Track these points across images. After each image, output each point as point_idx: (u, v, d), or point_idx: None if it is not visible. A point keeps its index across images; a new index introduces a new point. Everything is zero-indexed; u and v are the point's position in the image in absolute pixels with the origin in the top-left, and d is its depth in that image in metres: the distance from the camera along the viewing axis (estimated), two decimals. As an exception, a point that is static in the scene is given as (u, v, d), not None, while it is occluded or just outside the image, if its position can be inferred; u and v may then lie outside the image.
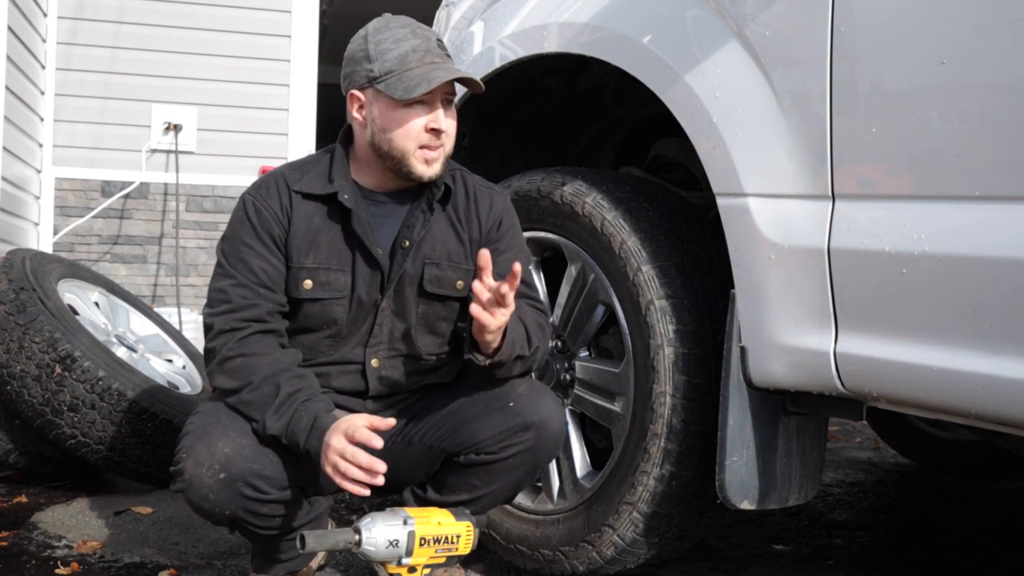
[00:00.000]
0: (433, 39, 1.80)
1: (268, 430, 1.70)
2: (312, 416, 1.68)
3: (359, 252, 1.85)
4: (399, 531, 1.63)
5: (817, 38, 1.63)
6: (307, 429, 1.67)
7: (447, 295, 1.90)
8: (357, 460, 1.60)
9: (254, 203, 1.83)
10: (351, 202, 1.83)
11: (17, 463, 2.85)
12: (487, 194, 1.94)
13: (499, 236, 1.92)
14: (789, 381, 1.72)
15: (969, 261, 1.44)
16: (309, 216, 1.84)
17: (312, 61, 5.58)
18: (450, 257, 1.89)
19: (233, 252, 1.82)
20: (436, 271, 1.88)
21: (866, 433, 4.29)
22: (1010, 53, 1.41)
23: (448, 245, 1.89)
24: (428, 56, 1.77)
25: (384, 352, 1.89)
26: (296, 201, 1.84)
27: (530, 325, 1.85)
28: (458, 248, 1.90)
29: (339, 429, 1.64)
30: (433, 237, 1.88)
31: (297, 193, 1.84)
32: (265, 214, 1.82)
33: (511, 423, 1.81)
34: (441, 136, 1.80)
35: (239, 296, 1.79)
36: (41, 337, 2.62)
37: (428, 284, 1.87)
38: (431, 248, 1.88)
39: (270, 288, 1.81)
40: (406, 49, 1.76)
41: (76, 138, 5.29)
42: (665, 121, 2.07)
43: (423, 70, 1.75)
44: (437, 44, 1.80)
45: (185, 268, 5.43)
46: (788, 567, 2.34)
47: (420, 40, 1.78)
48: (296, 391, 1.72)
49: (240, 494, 1.68)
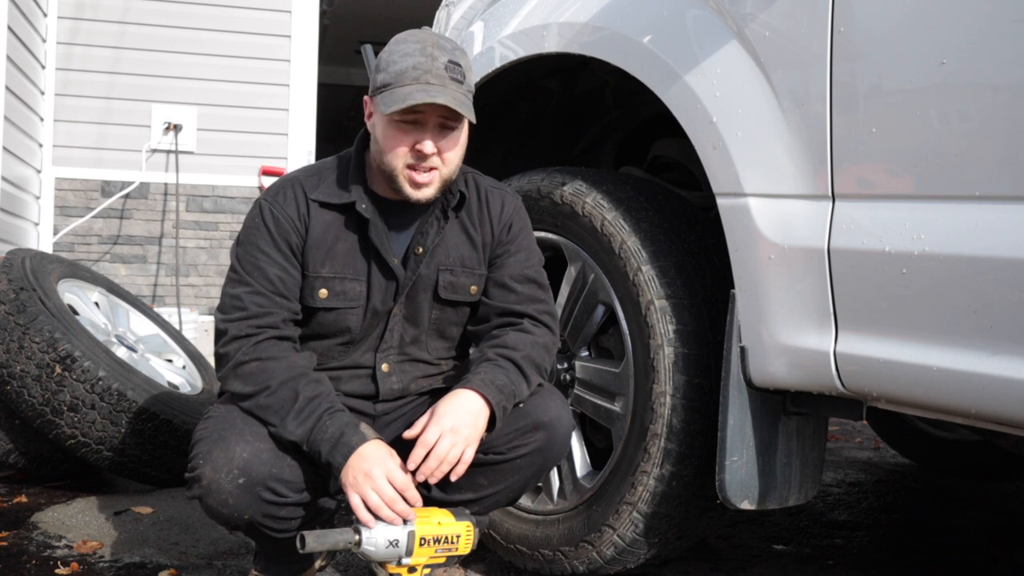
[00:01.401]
0: (442, 60, 1.71)
1: (287, 435, 1.69)
2: (339, 430, 1.67)
3: (375, 262, 1.83)
4: (399, 531, 1.63)
5: (817, 38, 1.63)
6: (332, 441, 1.66)
7: (461, 300, 1.89)
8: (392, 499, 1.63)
9: (271, 210, 1.80)
10: (368, 212, 1.81)
11: (17, 463, 2.85)
12: (498, 196, 1.92)
13: (510, 238, 1.90)
14: (789, 381, 1.72)
15: (969, 261, 1.44)
16: (326, 225, 1.82)
17: (312, 61, 5.58)
18: (464, 263, 1.88)
19: (249, 259, 1.79)
20: (451, 277, 1.87)
21: (866, 433, 4.29)
22: (1010, 53, 1.41)
23: (462, 251, 1.88)
24: (426, 76, 1.69)
25: (395, 357, 1.89)
26: (314, 210, 1.81)
27: (523, 362, 1.80)
28: (471, 254, 1.89)
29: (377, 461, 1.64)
30: (447, 244, 1.86)
31: (315, 202, 1.82)
32: (283, 221, 1.80)
33: (520, 423, 1.80)
34: (430, 159, 1.74)
35: (254, 304, 1.77)
36: (41, 337, 2.62)
37: (443, 291, 1.86)
38: (445, 255, 1.86)
39: (286, 297, 1.79)
40: (408, 65, 1.71)
41: (76, 138, 5.29)
42: (665, 121, 2.07)
43: (411, 89, 1.69)
44: (446, 65, 1.71)
45: (185, 268, 5.43)
46: (788, 567, 2.34)
47: (425, 58, 1.71)
48: (315, 396, 1.71)
49: (260, 498, 1.67)
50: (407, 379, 1.90)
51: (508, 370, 1.76)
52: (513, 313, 1.87)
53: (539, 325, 1.88)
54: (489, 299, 1.89)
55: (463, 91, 1.73)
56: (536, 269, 1.92)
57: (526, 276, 1.90)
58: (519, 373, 1.78)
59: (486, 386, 1.71)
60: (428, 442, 1.66)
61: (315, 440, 1.67)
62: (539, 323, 1.88)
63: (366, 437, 1.67)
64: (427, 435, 1.66)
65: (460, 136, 1.78)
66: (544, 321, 1.89)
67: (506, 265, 1.89)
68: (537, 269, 1.92)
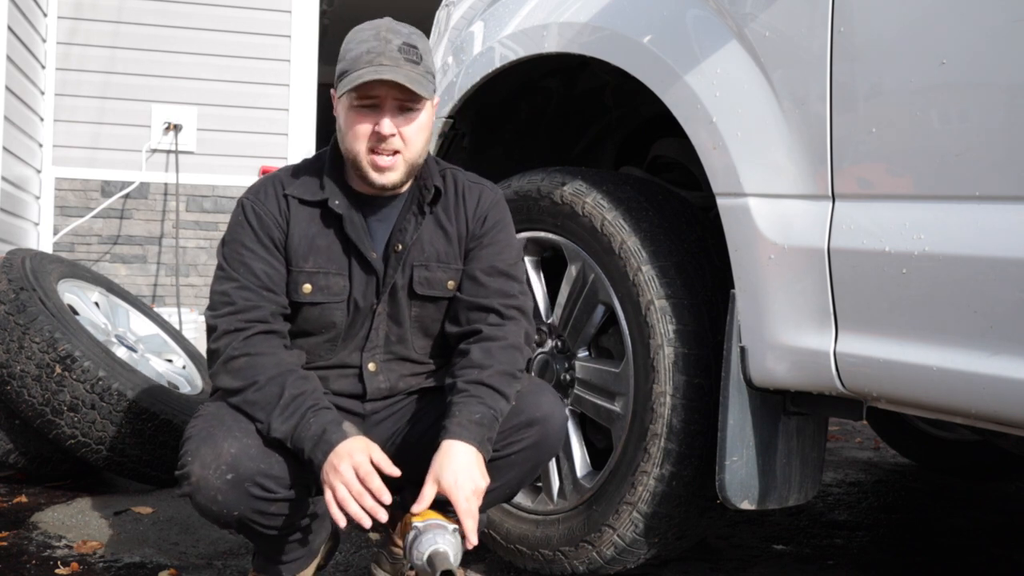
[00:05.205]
0: (396, 42, 1.73)
1: (273, 432, 1.70)
2: (321, 428, 1.67)
3: (355, 257, 1.85)
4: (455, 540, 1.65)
5: (817, 38, 1.63)
6: (315, 439, 1.67)
7: (439, 296, 1.89)
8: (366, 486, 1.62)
9: (253, 207, 1.83)
10: (342, 208, 1.83)
11: (17, 463, 2.85)
12: (476, 190, 1.92)
13: (484, 232, 1.90)
14: (789, 381, 1.72)
15: (969, 261, 1.44)
16: (306, 221, 1.84)
17: (312, 61, 5.58)
18: (439, 258, 1.89)
19: (234, 256, 1.82)
20: (425, 272, 1.87)
21: (866, 433, 4.29)
22: (1010, 53, 1.41)
23: (437, 246, 1.88)
24: (380, 58, 1.71)
25: (381, 355, 1.90)
26: (293, 206, 1.84)
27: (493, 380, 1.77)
28: (447, 248, 1.89)
29: (347, 455, 1.64)
30: (422, 239, 1.87)
31: (293, 198, 1.84)
32: (264, 218, 1.82)
33: (514, 420, 1.81)
34: (389, 141, 1.75)
35: (242, 298, 1.79)
36: (41, 337, 2.62)
37: (418, 286, 1.87)
38: (420, 251, 1.87)
39: (272, 290, 1.81)
40: (362, 50, 1.73)
41: (76, 138, 5.29)
42: (665, 121, 2.07)
43: (364, 71, 1.71)
44: (400, 47, 1.73)
45: (185, 268, 5.43)
46: (788, 567, 2.34)
47: (379, 43, 1.73)
48: (301, 393, 1.72)
49: (249, 494, 1.68)
50: (394, 377, 1.91)
51: (483, 397, 1.75)
52: (480, 307, 1.87)
53: (505, 321, 1.86)
54: (460, 293, 1.89)
55: (419, 71, 1.75)
56: (508, 263, 1.90)
57: (496, 269, 1.89)
58: (493, 393, 1.76)
59: (465, 429, 1.70)
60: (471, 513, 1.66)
61: (298, 437, 1.68)
62: (504, 318, 1.86)
63: (347, 434, 1.67)
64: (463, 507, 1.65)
65: (421, 117, 1.79)
66: (510, 316, 1.87)
67: (478, 258, 1.88)
68: (510, 263, 1.91)
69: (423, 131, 1.81)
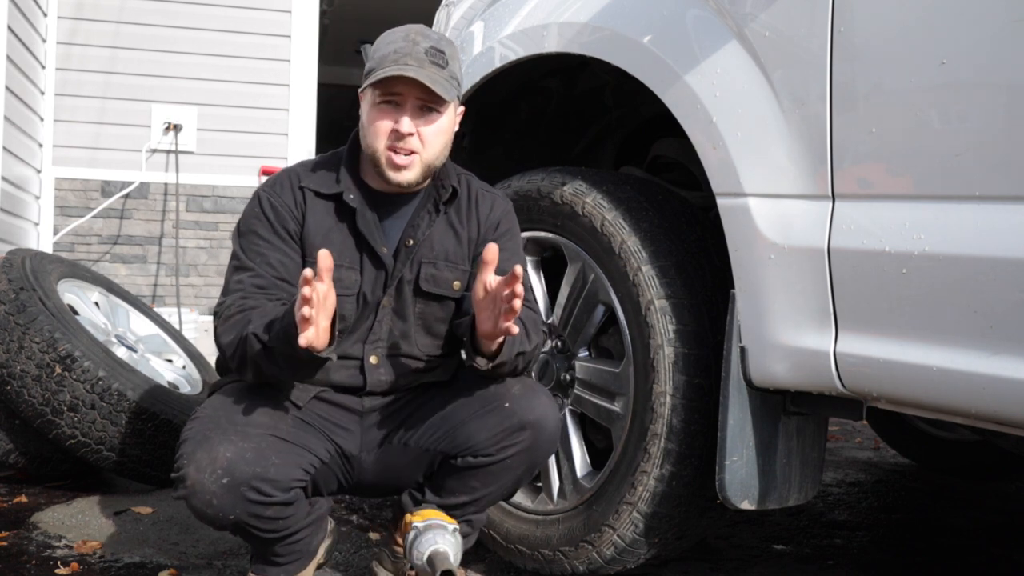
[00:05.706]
0: (424, 45, 1.77)
1: (260, 339, 1.68)
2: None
3: (366, 252, 1.87)
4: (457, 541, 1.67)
5: (817, 38, 1.63)
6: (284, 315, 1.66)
7: (444, 295, 1.90)
8: None
9: (269, 199, 1.86)
10: (356, 202, 1.85)
11: (17, 463, 2.85)
12: (489, 197, 1.96)
13: (495, 238, 1.92)
14: (789, 381, 1.72)
15: (969, 261, 1.44)
16: (322, 214, 1.86)
17: (312, 61, 5.58)
18: (447, 257, 1.90)
19: (251, 247, 1.84)
20: (432, 270, 1.89)
21: (866, 433, 4.29)
22: (1010, 53, 1.41)
23: (446, 245, 1.90)
24: (405, 58, 1.75)
25: (383, 350, 1.90)
26: (309, 198, 1.87)
27: (526, 321, 1.84)
28: (456, 248, 1.91)
29: None
30: (432, 237, 1.89)
31: (309, 191, 1.87)
32: (280, 209, 1.85)
33: (507, 424, 1.81)
34: (407, 140, 1.78)
35: (254, 287, 1.81)
36: (41, 337, 2.62)
37: (424, 283, 1.88)
38: (429, 248, 1.89)
39: (287, 280, 1.83)
40: (390, 51, 1.77)
41: (76, 138, 5.29)
42: (665, 121, 2.07)
43: (388, 68, 1.74)
44: (427, 50, 1.77)
45: (185, 268, 5.43)
46: (788, 567, 2.34)
47: (407, 44, 1.77)
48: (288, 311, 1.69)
49: (244, 498, 1.68)
50: (394, 373, 1.91)
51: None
52: None
53: (524, 305, 1.87)
54: (468, 293, 1.90)
55: (444, 75, 1.78)
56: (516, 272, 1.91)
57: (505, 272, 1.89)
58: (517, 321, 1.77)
59: None
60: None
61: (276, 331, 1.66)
62: (524, 304, 1.87)
63: None
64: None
65: (441, 120, 1.82)
66: (527, 305, 1.88)
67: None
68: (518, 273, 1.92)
69: (443, 134, 1.83)
